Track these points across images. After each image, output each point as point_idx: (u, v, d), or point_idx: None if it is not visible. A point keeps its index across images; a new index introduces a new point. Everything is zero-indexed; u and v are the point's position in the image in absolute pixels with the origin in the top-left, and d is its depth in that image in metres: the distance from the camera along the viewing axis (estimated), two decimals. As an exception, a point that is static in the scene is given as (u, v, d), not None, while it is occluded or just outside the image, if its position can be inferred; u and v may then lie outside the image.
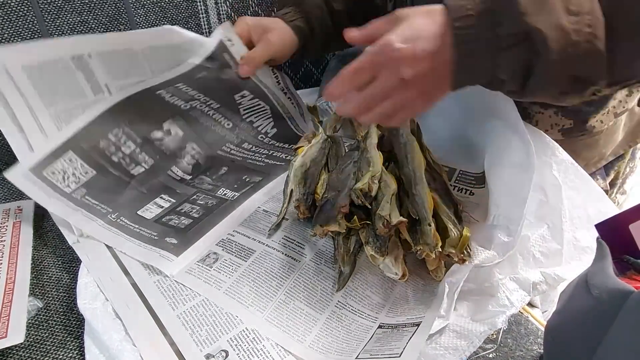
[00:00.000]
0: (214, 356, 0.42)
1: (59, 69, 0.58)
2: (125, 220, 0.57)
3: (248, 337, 0.44)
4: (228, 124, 0.71)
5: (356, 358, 0.42)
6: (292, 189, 0.58)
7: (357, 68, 0.44)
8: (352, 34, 0.46)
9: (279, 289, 0.49)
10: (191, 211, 0.58)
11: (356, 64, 0.44)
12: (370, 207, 0.51)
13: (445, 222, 0.50)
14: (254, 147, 0.71)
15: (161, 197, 0.61)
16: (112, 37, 0.64)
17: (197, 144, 0.67)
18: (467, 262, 0.47)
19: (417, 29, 0.42)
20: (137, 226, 0.56)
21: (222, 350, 0.43)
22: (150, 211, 0.59)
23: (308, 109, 0.76)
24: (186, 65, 0.65)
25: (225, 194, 0.61)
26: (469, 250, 0.48)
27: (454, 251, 0.47)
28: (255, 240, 0.55)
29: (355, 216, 0.51)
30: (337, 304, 0.49)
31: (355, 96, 0.45)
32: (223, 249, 0.54)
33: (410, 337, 0.42)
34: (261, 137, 0.73)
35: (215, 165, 0.66)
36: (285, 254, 0.53)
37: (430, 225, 0.48)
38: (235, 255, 0.53)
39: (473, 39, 0.40)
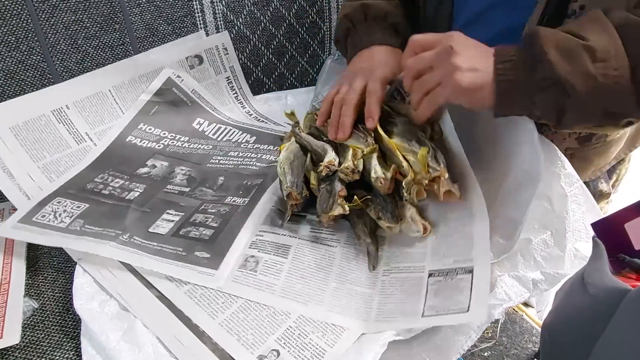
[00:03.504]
0: (266, 357, 0.43)
1: (42, 125, 0.66)
2: (140, 239, 0.54)
3: (294, 333, 0.45)
4: (207, 147, 0.73)
5: (422, 316, 0.44)
6: (281, 181, 0.59)
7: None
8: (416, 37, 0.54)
9: (328, 279, 0.51)
10: (207, 220, 0.57)
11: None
12: (364, 182, 0.54)
13: (407, 157, 0.53)
14: (240, 153, 0.71)
15: (167, 213, 0.58)
16: (84, 80, 0.71)
17: (185, 165, 0.68)
18: (442, 184, 0.50)
19: (470, 44, 0.51)
20: (155, 243, 0.53)
21: (273, 350, 0.44)
22: (161, 227, 0.56)
23: (286, 114, 0.77)
24: (139, 102, 0.75)
25: (235, 201, 0.60)
26: (435, 167, 0.50)
27: (423, 174, 0.50)
28: (285, 235, 0.56)
29: (355, 196, 0.54)
30: (384, 272, 0.51)
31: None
32: (259, 250, 0.54)
33: (471, 290, 0.43)
34: (244, 145, 0.73)
35: (211, 177, 0.66)
36: (320, 243, 0.55)
37: (405, 162, 0.52)
38: (274, 254, 0.53)
39: (512, 79, 0.47)
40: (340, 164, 0.56)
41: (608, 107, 0.46)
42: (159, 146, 0.71)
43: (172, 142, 0.72)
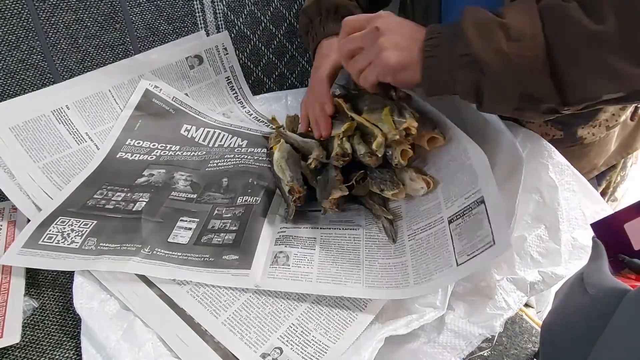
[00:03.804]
0: (269, 354, 0.43)
1: (43, 125, 0.66)
2: (162, 250, 0.53)
3: (297, 330, 0.46)
4: (200, 153, 0.72)
5: (458, 265, 0.45)
6: (281, 178, 0.60)
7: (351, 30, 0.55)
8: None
9: (359, 258, 0.52)
10: (225, 226, 0.57)
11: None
12: (359, 165, 0.57)
13: (378, 124, 0.55)
14: (236, 156, 0.70)
15: (182, 220, 0.57)
16: (84, 80, 0.71)
17: (183, 171, 0.67)
18: (417, 133, 0.53)
19: (395, 23, 0.52)
20: (179, 253, 0.53)
21: (276, 348, 0.44)
22: (180, 236, 0.55)
23: (268, 121, 0.78)
24: (121, 119, 0.73)
25: (246, 200, 0.60)
26: (400, 120, 0.53)
27: (392, 130, 0.52)
28: (306, 228, 0.57)
29: (352, 179, 0.57)
30: (408, 237, 0.52)
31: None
32: (285, 246, 0.54)
33: (489, 220, 0.44)
34: (237, 150, 0.73)
35: (215, 181, 0.65)
36: (343, 229, 0.56)
37: (377, 129, 0.55)
38: (302, 247, 0.54)
39: (436, 54, 0.48)
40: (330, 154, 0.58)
41: (524, 89, 0.45)
42: (152, 157, 0.70)
43: (164, 152, 0.71)
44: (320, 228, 0.57)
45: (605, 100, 0.45)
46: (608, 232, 0.40)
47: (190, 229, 0.56)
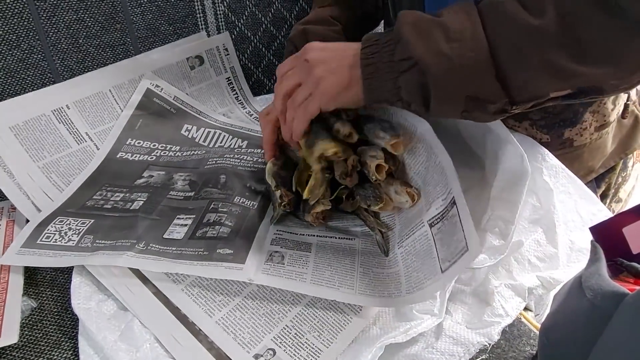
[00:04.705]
0: (262, 355, 0.43)
1: (43, 125, 0.66)
2: (157, 246, 0.53)
3: (290, 332, 0.46)
4: (200, 152, 0.71)
5: (443, 272, 0.44)
6: (269, 183, 0.60)
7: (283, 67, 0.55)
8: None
9: (354, 265, 0.52)
10: (221, 219, 0.56)
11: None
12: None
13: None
14: (236, 156, 0.70)
15: (178, 218, 0.57)
16: (84, 80, 0.71)
17: (182, 172, 0.66)
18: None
19: (321, 49, 0.52)
20: (174, 248, 0.53)
21: (269, 349, 0.44)
22: (176, 232, 0.55)
23: None
24: (122, 119, 0.73)
25: (244, 202, 0.60)
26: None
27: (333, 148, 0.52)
28: (303, 235, 0.57)
29: (342, 196, 0.57)
30: (398, 245, 0.52)
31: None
32: (281, 247, 0.54)
33: (461, 223, 0.43)
34: (237, 150, 0.73)
35: (213, 177, 0.65)
36: (339, 238, 0.56)
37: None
38: (297, 250, 0.54)
39: (375, 62, 0.47)
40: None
41: (470, 91, 0.44)
42: (152, 158, 0.70)
43: (164, 153, 0.71)
44: (317, 235, 0.57)
45: (553, 98, 0.44)
46: (606, 235, 0.40)
47: (185, 225, 0.56)
